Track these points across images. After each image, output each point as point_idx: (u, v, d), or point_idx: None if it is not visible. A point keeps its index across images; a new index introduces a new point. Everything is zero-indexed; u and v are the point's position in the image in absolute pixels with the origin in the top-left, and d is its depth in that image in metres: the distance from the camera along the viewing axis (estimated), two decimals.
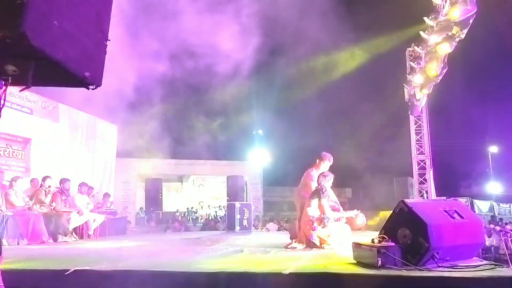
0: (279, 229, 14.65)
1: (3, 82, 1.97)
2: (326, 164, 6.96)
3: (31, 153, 10.55)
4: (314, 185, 6.56)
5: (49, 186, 9.04)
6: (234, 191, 17.43)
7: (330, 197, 6.42)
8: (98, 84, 2.31)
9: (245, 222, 12.24)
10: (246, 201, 16.54)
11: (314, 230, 6.05)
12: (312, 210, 6.18)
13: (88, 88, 2.29)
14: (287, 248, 6.11)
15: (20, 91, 2.15)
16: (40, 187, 8.94)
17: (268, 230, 14.32)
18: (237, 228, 11.99)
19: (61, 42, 1.96)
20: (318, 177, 6.49)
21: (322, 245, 6.00)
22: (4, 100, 2.00)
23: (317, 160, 7.03)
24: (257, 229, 14.60)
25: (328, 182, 6.43)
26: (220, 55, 12.52)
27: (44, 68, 1.98)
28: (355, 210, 6.73)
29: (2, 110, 1.97)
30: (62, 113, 11.90)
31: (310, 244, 6.05)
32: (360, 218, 6.66)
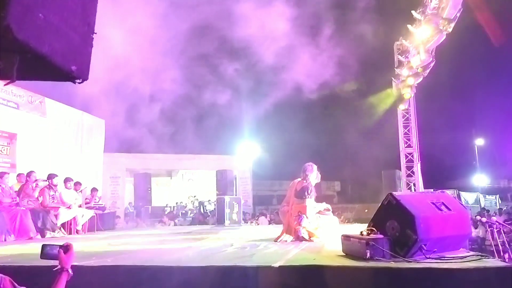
0: (269, 223, 14.70)
1: None
2: (314, 174, 6.54)
3: (16, 148, 10.40)
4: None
5: (36, 180, 8.94)
6: (224, 185, 17.40)
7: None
8: (84, 78, 2.28)
9: (234, 216, 12.27)
10: (236, 195, 16.53)
11: (300, 225, 6.08)
12: (300, 207, 6.23)
13: (74, 82, 2.26)
14: (277, 241, 6.12)
15: (5, 85, 2.12)
16: (26, 182, 8.84)
17: (258, 224, 14.36)
18: (227, 222, 12.01)
19: (46, 35, 1.93)
20: (305, 167, 6.48)
21: (311, 238, 6.04)
22: None
23: (303, 174, 6.48)
24: (247, 223, 14.63)
25: (314, 173, 6.45)
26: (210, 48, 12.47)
27: (30, 61, 1.95)
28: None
29: None
30: (49, 108, 11.76)
31: (299, 238, 6.08)
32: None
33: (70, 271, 2.39)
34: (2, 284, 2.01)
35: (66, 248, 2.45)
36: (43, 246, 2.49)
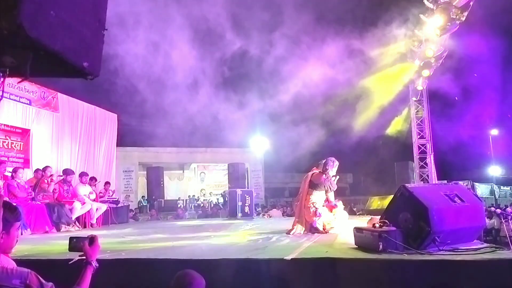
0: (282, 215, 14.70)
1: (1, 74, 1.96)
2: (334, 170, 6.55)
3: (30, 144, 10.53)
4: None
5: (51, 175, 9.07)
6: (236, 178, 17.46)
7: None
8: (96, 74, 2.29)
9: (246, 209, 12.30)
10: (248, 188, 16.57)
11: (318, 216, 6.07)
12: (315, 197, 6.20)
13: (86, 78, 2.28)
14: (290, 234, 6.13)
15: (19, 82, 2.15)
16: (42, 177, 8.96)
17: (270, 216, 14.36)
18: (239, 214, 12.05)
19: (58, 32, 1.94)
20: (326, 161, 6.44)
21: (325, 230, 6.04)
22: (3, 91, 1.99)
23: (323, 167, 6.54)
24: (260, 215, 14.65)
25: (334, 168, 6.44)
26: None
27: (42, 59, 1.97)
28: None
29: (1, 101, 1.96)
30: (61, 103, 11.87)
31: (312, 230, 6.08)
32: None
33: (94, 263, 2.38)
34: (28, 279, 2.03)
35: (91, 240, 2.45)
36: (70, 239, 2.50)
